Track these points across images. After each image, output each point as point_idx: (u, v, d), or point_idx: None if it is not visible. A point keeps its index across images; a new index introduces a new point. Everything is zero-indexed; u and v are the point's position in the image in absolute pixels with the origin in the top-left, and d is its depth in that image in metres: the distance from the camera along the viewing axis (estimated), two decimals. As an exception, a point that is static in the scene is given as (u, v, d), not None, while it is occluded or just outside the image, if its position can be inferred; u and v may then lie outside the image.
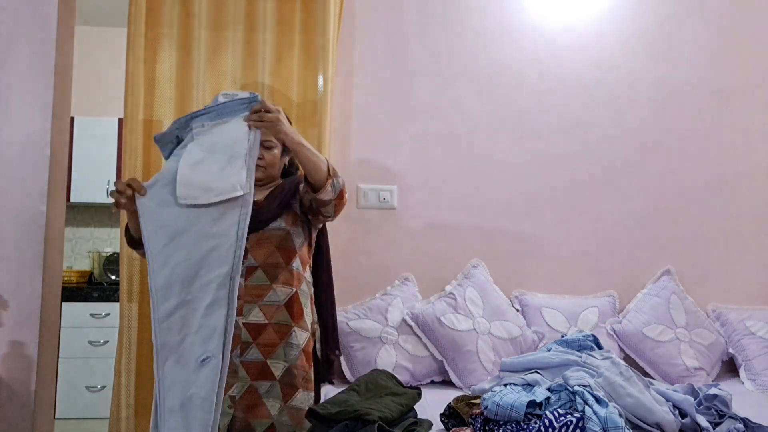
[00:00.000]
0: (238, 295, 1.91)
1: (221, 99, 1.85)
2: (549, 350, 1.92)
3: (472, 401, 1.80)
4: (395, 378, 2.08)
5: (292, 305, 1.99)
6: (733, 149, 2.87)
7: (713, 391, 1.84)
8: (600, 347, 1.95)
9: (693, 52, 2.87)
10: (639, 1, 2.86)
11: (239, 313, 1.94)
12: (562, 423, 1.53)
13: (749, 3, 2.91)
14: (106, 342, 3.82)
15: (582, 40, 2.83)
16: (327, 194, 1.93)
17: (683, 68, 2.86)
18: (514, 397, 1.62)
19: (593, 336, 1.98)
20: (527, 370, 1.84)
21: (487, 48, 2.79)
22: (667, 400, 1.73)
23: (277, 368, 1.96)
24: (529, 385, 1.73)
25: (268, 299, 1.98)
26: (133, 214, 1.79)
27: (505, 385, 1.74)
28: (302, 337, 2.01)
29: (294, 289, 2.01)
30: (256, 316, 1.97)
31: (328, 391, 2.20)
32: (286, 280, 2.00)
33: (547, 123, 2.81)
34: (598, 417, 1.54)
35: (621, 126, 2.83)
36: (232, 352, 1.88)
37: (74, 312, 3.82)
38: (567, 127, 2.81)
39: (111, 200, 1.80)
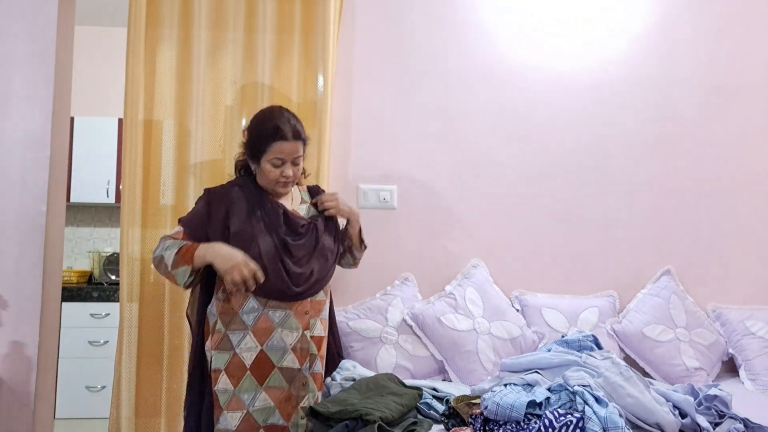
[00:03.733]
0: (306, 311, 2.03)
1: None
2: (549, 350, 1.92)
3: (472, 401, 1.80)
4: (397, 379, 2.08)
5: (327, 316, 2.16)
6: (733, 149, 2.86)
7: (713, 391, 1.84)
8: (600, 347, 1.96)
9: (692, 51, 2.86)
10: (639, 1, 2.86)
11: (306, 327, 2.03)
12: (562, 423, 1.53)
13: (749, 3, 2.90)
14: (106, 342, 3.81)
15: (583, 40, 2.83)
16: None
17: (683, 68, 2.86)
18: (514, 397, 1.62)
19: (593, 336, 1.98)
20: (527, 370, 1.84)
21: (488, 48, 2.79)
22: (667, 400, 1.74)
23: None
24: (529, 385, 1.73)
25: (323, 313, 2.12)
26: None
27: (505, 385, 1.74)
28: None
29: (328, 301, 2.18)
30: (319, 330, 2.08)
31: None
32: (326, 295, 2.16)
33: (547, 123, 2.80)
34: (598, 417, 1.54)
35: (621, 126, 2.83)
36: (302, 365, 2.00)
37: (74, 312, 3.82)
38: (566, 126, 2.81)
39: (111, 200, 1.83)
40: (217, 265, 1.88)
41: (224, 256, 1.87)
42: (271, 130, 1.98)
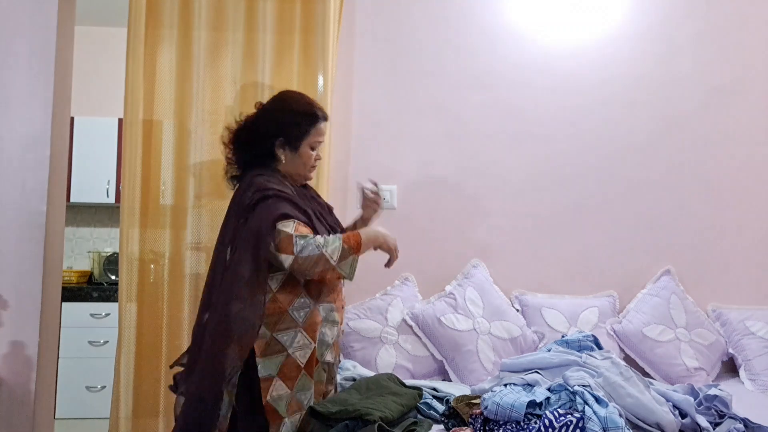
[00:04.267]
0: (342, 305, 2.02)
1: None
2: (549, 350, 1.92)
3: (472, 401, 1.80)
4: (397, 379, 2.08)
5: None
6: (734, 149, 2.86)
7: (713, 391, 1.84)
8: (600, 347, 1.96)
9: (692, 51, 2.86)
10: (640, 1, 2.86)
11: (342, 322, 2.02)
12: (562, 423, 1.53)
13: (749, 3, 2.90)
14: (106, 342, 3.81)
15: (583, 41, 2.83)
16: None
17: (683, 68, 2.86)
18: (514, 397, 1.62)
19: (593, 336, 1.98)
20: (527, 370, 1.84)
21: (488, 48, 2.79)
22: (667, 400, 1.74)
23: None
24: (529, 385, 1.73)
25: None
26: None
27: (505, 385, 1.74)
28: None
29: None
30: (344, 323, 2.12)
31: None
32: None
33: (547, 123, 2.80)
34: (598, 417, 1.54)
35: (621, 126, 2.83)
36: (336, 359, 1.99)
37: (74, 312, 3.81)
38: (566, 127, 2.81)
39: (111, 200, 1.80)
40: (384, 248, 2.00)
41: (385, 235, 1.98)
42: (314, 111, 1.96)
